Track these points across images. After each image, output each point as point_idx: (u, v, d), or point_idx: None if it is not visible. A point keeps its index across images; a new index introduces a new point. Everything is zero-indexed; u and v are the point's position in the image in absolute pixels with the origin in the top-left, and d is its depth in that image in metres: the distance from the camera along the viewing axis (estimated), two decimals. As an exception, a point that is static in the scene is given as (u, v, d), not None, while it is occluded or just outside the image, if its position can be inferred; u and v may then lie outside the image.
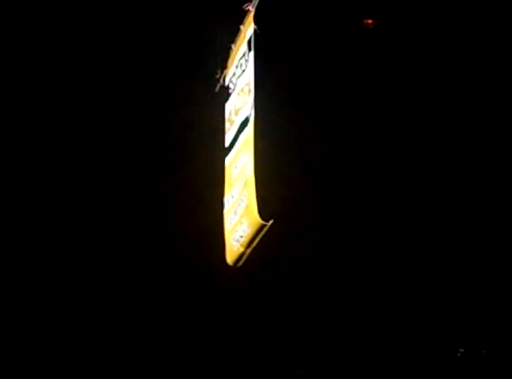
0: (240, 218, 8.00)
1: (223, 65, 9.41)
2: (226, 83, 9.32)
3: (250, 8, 8.39)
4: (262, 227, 7.52)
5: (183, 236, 10.68)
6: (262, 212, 7.55)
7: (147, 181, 10.72)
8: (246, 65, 8.51)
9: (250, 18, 8.39)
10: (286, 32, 9.61)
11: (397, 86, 10.26)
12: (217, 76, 9.58)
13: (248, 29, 8.45)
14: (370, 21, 10.07)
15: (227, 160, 8.91)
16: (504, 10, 9.92)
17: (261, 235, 7.67)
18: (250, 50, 8.31)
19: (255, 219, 7.56)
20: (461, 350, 10.95)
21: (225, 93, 9.29)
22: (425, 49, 10.20)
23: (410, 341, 10.94)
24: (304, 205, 10.42)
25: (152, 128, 10.60)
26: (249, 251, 8.04)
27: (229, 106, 9.14)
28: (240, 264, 8.39)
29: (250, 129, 8.03)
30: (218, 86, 9.61)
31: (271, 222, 7.44)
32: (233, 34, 8.92)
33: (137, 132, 10.59)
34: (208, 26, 9.76)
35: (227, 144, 9.02)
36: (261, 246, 7.93)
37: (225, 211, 8.68)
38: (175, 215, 10.75)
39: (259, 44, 8.23)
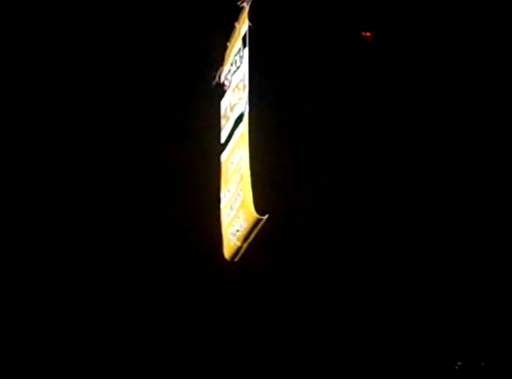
0: (237, 212, 8.08)
1: (218, 63, 9.50)
2: (221, 80, 9.41)
3: (244, 5, 8.50)
4: (258, 221, 7.60)
5: (181, 232, 10.74)
6: (258, 206, 7.65)
7: (143, 177, 10.78)
8: (240, 62, 8.60)
9: (244, 15, 8.49)
10: (280, 28, 9.69)
11: (394, 80, 10.33)
12: (213, 75, 9.67)
13: (243, 26, 8.54)
14: (368, 34, 10.22)
15: (223, 156, 9.00)
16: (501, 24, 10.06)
17: (257, 229, 7.76)
18: (244, 46, 8.41)
19: (251, 213, 7.64)
20: (459, 363, 10.97)
21: (221, 90, 9.40)
22: (422, 60, 10.33)
23: (408, 345, 10.98)
24: (300, 200, 10.49)
25: (147, 125, 10.66)
26: (245, 245, 8.11)
27: (224, 103, 9.23)
28: (237, 258, 8.48)
29: (244, 125, 8.13)
30: (214, 84, 9.70)
31: (267, 216, 7.54)
32: (228, 32, 9.02)
33: (133, 127, 10.65)
34: (203, 24, 9.84)
35: (222, 140, 9.11)
36: (258, 241, 8.04)
37: (222, 206, 8.77)
38: (172, 211, 10.81)
39: (254, 40, 8.33)
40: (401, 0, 10.08)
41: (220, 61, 9.38)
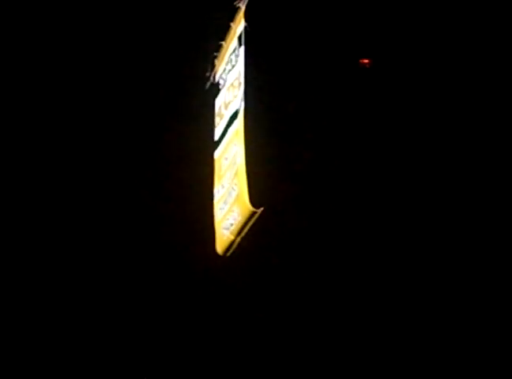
0: (231, 206, 8.22)
1: (213, 63, 9.66)
2: (216, 79, 9.58)
3: (240, 5, 8.67)
4: (253, 214, 7.75)
5: (174, 229, 10.86)
6: (252, 201, 7.80)
7: (139, 176, 10.91)
8: (236, 61, 8.77)
9: (240, 15, 8.66)
10: (276, 28, 9.88)
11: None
12: (207, 74, 9.83)
13: (239, 26, 8.70)
14: (366, 61, 10.46)
15: (217, 153, 9.15)
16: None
17: (251, 223, 7.89)
18: (240, 45, 8.58)
19: (246, 206, 7.77)
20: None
21: (215, 90, 9.56)
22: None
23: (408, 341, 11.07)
24: (294, 194, 10.65)
25: (143, 126, 10.81)
26: (239, 239, 8.24)
27: (219, 102, 9.38)
28: (230, 253, 8.61)
29: (240, 121, 8.27)
30: (208, 84, 9.85)
31: (261, 209, 7.69)
32: (223, 32, 9.18)
33: (129, 128, 10.80)
34: (198, 24, 10.00)
35: (216, 137, 9.26)
36: (251, 235, 8.17)
37: (215, 201, 8.91)
38: (165, 209, 10.94)
39: (249, 39, 8.50)
40: (399, 29, 10.33)
41: (214, 61, 9.58)
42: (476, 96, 10.66)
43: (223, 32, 9.17)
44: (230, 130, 8.67)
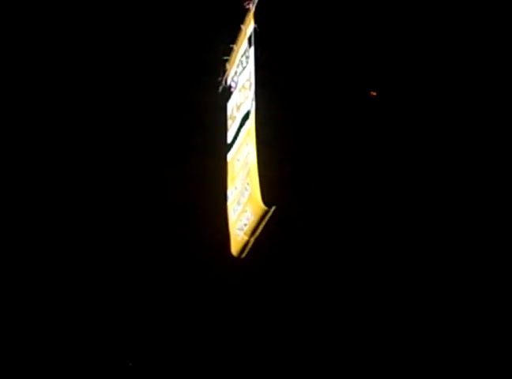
0: (244, 206, 8.21)
1: (224, 67, 9.69)
2: (228, 83, 9.60)
3: (250, 6, 8.71)
4: (266, 213, 7.73)
5: (189, 231, 10.91)
6: (265, 200, 7.78)
7: (152, 178, 10.98)
8: (247, 62, 8.80)
9: (250, 16, 8.70)
10: (285, 28, 9.90)
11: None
12: (219, 79, 9.85)
13: (248, 27, 8.74)
14: (374, 93, 10.53)
15: (229, 155, 9.15)
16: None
17: (264, 222, 7.87)
18: (250, 45, 8.61)
19: (259, 205, 7.76)
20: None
21: (227, 93, 9.58)
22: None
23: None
24: (306, 194, 10.64)
25: (157, 129, 10.87)
26: (252, 240, 8.21)
27: (231, 104, 9.40)
28: (244, 254, 8.59)
29: (251, 121, 8.29)
30: (221, 88, 9.88)
31: (274, 208, 7.67)
32: (235, 35, 9.22)
33: (144, 131, 10.87)
34: (210, 28, 10.05)
35: (229, 140, 9.27)
36: (264, 236, 8.15)
37: (228, 203, 8.90)
38: (180, 212, 10.98)
39: (259, 40, 8.53)
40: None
41: (226, 65, 9.61)
42: (482, 134, 10.70)
43: (234, 36, 9.24)
44: (242, 131, 8.68)
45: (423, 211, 10.90)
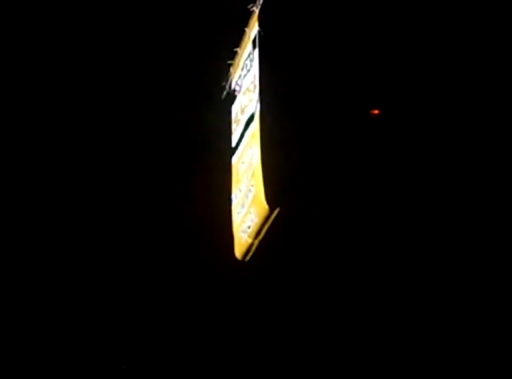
0: (248, 208, 8.18)
1: (228, 71, 9.68)
2: (232, 86, 9.60)
3: (254, 9, 8.70)
4: (270, 214, 7.70)
5: (192, 234, 10.90)
6: (269, 202, 7.75)
7: (157, 180, 10.98)
8: (251, 65, 8.78)
9: (254, 19, 8.69)
10: (290, 30, 9.90)
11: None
12: (223, 83, 9.85)
13: (253, 30, 8.72)
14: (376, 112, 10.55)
15: (234, 159, 9.14)
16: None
17: (268, 224, 7.84)
18: (254, 48, 8.60)
19: (263, 206, 7.72)
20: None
21: (231, 97, 9.58)
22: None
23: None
24: (311, 196, 10.62)
25: (161, 133, 10.89)
26: (257, 242, 8.17)
27: (235, 108, 9.40)
28: (248, 257, 8.54)
29: (256, 123, 8.27)
30: (224, 93, 9.87)
31: (278, 209, 7.64)
32: (239, 38, 9.21)
33: (147, 134, 10.89)
34: (213, 31, 10.06)
35: (233, 144, 9.26)
36: (268, 238, 8.12)
37: (233, 206, 8.88)
38: (183, 215, 10.97)
39: (264, 43, 8.52)
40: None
41: (229, 68, 9.61)
42: (484, 150, 10.71)
43: (237, 41, 9.25)
44: (246, 134, 8.66)
45: (427, 213, 10.86)
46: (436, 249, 10.96)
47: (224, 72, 9.71)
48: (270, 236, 8.03)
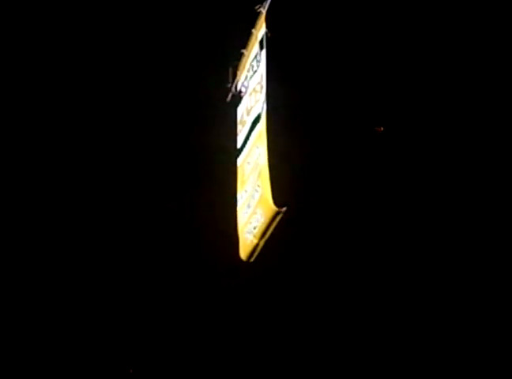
0: (254, 209, 8.15)
1: (234, 73, 9.68)
2: (238, 88, 9.58)
3: (261, 10, 8.71)
4: (277, 214, 7.67)
5: (197, 235, 10.90)
6: (276, 202, 7.73)
7: (160, 182, 10.98)
8: (257, 66, 8.78)
9: (261, 20, 8.69)
10: (297, 31, 9.91)
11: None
12: (229, 85, 9.83)
13: (260, 30, 8.73)
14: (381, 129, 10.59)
15: (239, 160, 9.11)
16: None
17: (274, 224, 7.81)
18: (261, 48, 8.59)
19: (270, 206, 7.70)
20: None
21: (237, 99, 9.57)
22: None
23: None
24: (317, 197, 10.61)
25: (165, 134, 10.90)
26: (262, 243, 8.14)
27: (241, 109, 9.38)
28: (253, 258, 8.51)
29: (262, 123, 8.26)
30: (230, 95, 9.86)
31: (285, 209, 7.61)
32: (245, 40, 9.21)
33: (153, 136, 10.91)
34: (219, 33, 10.07)
35: (238, 145, 9.24)
36: (273, 239, 8.09)
37: (238, 207, 8.84)
38: (188, 217, 10.98)
39: (271, 44, 8.52)
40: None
41: (235, 71, 9.60)
42: (489, 166, 10.74)
43: (243, 42, 9.25)
44: (252, 134, 8.64)
45: (432, 216, 10.86)
46: (438, 251, 10.94)
47: (230, 74, 9.70)
48: (275, 237, 8.03)
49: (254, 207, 8.18)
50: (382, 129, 10.61)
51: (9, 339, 10.85)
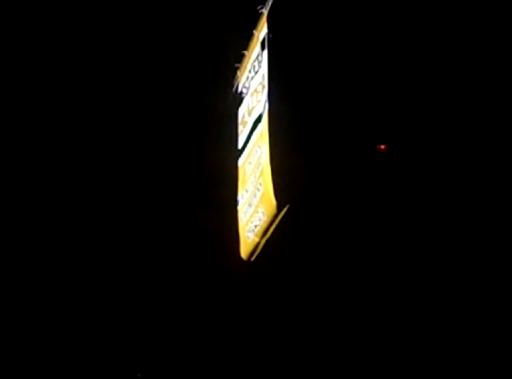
0: (256, 207, 8.18)
1: (235, 75, 9.72)
2: (239, 89, 9.62)
3: (263, 10, 8.76)
4: (278, 212, 7.71)
5: (199, 236, 10.93)
6: (277, 201, 7.75)
7: (163, 183, 11.03)
8: (259, 66, 8.82)
9: (263, 20, 8.74)
10: (299, 31, 9.95)
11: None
12: (229, 87, 9.89)
13: (261, 31, 8.78)
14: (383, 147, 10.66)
15: (240, 160, 9.15)
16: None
17: (276, 222, 7.85)
18: (263, 49, 8.64)
19: (271, 204, 7.73)
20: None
21: (238, 100, 9.61)
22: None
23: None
24: (319, 195, 10.64)
25: (168, 135, 10.96)
26: (263, 241, 8.18)
27: (242, 110, 9.42)
28: (254, 257, 8.54)
29: (264, 123, 8.29)
30: (231, 95, 9.91)
31: (287, 207, 7.65)
32: (246, 42, 9.26)
33: (156, 138, 10.97)
34: (222, 35, 10.12)
35: (240, 146, 9.27)
36: (274, 238, 8.13)
37: (239, 207, 8.87)
38: (188, 217, 11.01)
39: (272, 44, 8.56)
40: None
41: (236, 72, 9.65)
42: (492, 181, 10.80)
43: (244, 44, 9.30)
44: (254, 134, 8.67)
45: (432, 217, 10.89)
46: (439, 252, 10.96)
47: (231, 75, 9.76)
48: (276, 236, 8.07)
49: (255, 205, 8.21)
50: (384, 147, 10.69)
51: (13, 342, 10.82)
